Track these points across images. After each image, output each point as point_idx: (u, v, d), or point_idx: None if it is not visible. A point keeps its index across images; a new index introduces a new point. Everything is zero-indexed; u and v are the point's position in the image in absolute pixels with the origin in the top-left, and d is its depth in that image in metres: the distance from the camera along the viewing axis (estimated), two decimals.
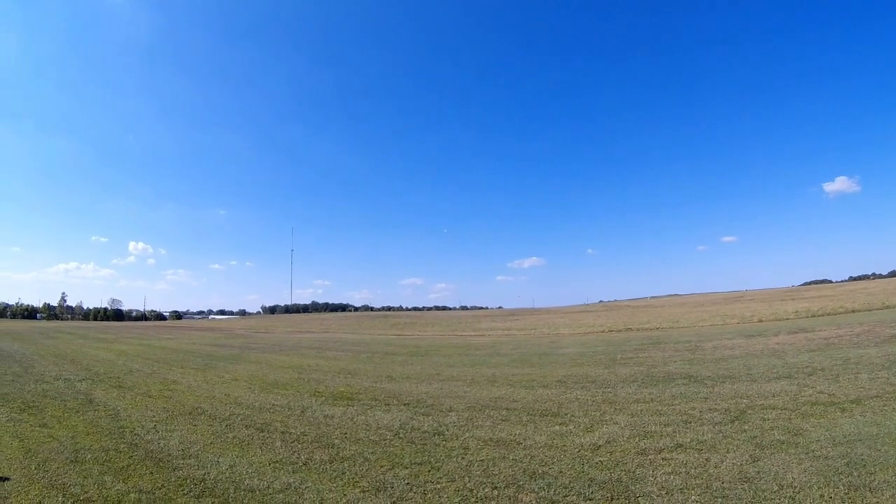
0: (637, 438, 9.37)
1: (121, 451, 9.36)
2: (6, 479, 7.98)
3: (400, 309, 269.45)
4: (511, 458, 8.60)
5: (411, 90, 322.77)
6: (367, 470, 8.18)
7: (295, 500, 6.95)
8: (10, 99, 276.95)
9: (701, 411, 11.12)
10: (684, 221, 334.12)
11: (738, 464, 7.73)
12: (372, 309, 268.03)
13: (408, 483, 7.52)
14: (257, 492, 7.29)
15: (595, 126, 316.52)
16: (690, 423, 10.26)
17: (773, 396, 12.12)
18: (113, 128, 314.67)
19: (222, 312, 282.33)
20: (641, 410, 11.58)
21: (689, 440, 9.07)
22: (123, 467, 8.46)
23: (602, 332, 43.69)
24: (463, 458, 8.68)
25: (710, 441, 8.95)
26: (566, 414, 11.63)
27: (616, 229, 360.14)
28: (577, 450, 8.87)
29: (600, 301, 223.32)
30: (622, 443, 9.16)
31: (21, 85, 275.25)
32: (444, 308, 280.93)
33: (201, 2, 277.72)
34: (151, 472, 8.17)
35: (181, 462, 8.71)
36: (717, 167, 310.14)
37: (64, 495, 7.24)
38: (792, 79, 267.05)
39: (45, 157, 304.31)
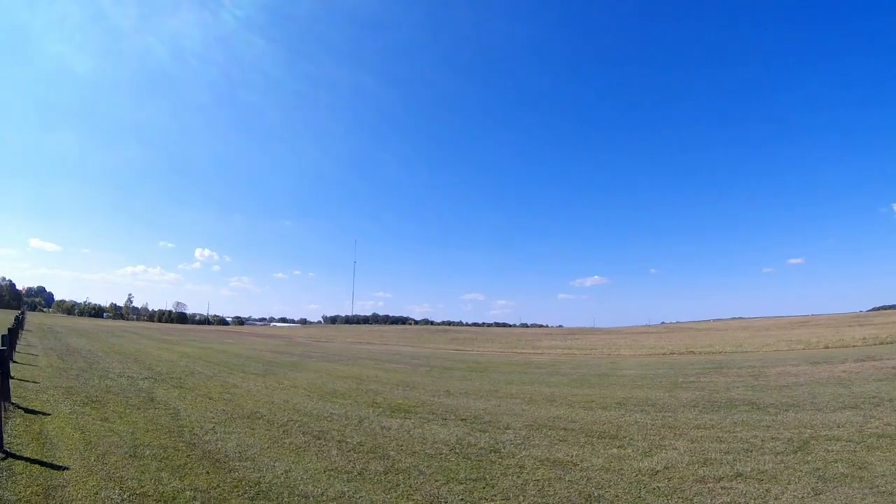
0: (696, 465, 9.05)
1: (179, 450, 9.49)
2: (66, 468, 8.17)
3: (460, 324, 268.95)
4: (567, 479, 8.40)
5: (474, 107, 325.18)
6: (421, 483, 8.09)
7: None
8: (86, 109, 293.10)
9: (763, 440, 10.68)
10: (750, 243, 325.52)
11: (800, 496, 7.37)
12: (432, 323, 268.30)
13: (462, 499, 7.40)
14: (311, 498, 7.27)
15: (660, 144, 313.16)
16: (752, 451, 9.85)
17: (838, 427, 11.55)
18: (183, 139, 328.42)
19: (284, 320, 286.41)
20: (702, 437, 11.19)
21: (749, 469, 8.71)
22: (180, 465, 8.57)
23: (663, 354, 42.67)
24: (518, 476, 8.52)
25: (771, 471, 8.57)
26: (625, 437, 11.33)
27: (680, 249, 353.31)
28: (634, 474, 8.61)
29: (662, 322, 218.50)
30: (681, 469, 8.85)
31: (95, 96, 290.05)
32: (505, 325, 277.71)
33: (271, 20, 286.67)
34: (208, 472, 8.25)
35: (237, 464, 8.77)
36: (785, 187, 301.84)
37: (121, 488, 7.36)
38: (861, 96, 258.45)
39: (117, 164, 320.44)
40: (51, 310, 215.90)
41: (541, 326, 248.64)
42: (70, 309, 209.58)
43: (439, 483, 8.11)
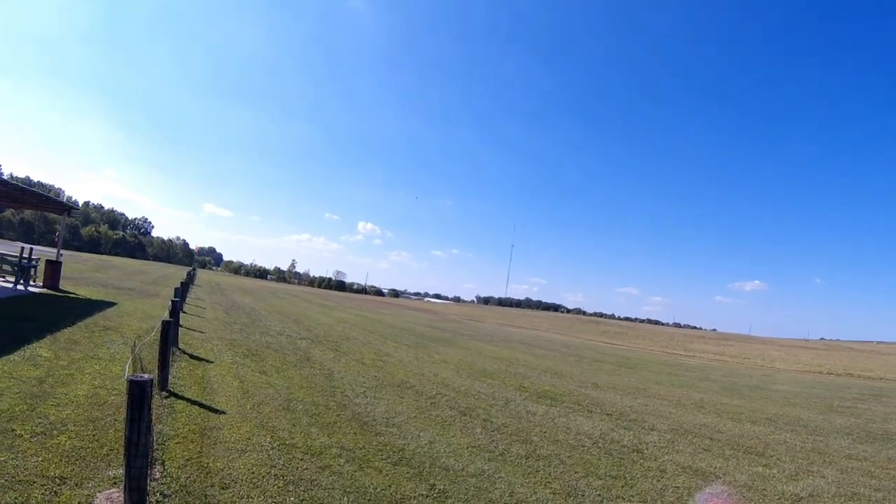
0: (842, 498, 8.44)
1: (330, 409, 10.14)
2: (223, 412, 8.98)
3: (612, 317, 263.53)
4: (707, 491, 8.17)
5: (635, 98, 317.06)
6: (561, 472, 8.15)
7: (486, 487, 7.08)
8: (263, 89, 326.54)
9: None
10: None
11: None
12: (584, 313, 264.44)
13: (599, 494, 7.38)
14: (451, 471, 7.53)
15: (837, 147, 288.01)
16: None
17: None
18: (350, 118, 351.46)
19: (438, 296, 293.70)
20: (852, 468, 10.42)
21: None
22: (330, 423, 9.15)
23: (820, 372, 39.81)
24: (658, 480, 8.37)
25: None
26: (771, 455, 10.79)
27: (849, 260, 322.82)
28: (777, 497, 8.19)
29: (821, 338, 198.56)
30: (826, 499, 8.31)
31: (273, 77, 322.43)
32: (657, 322, 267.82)
33: (435, 6, 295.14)
34: (355, 433, 8.76)
35: (384, 429, 9.24)
36: None
37: (272, 437, 7.98)
38: None
39: (290, 140, 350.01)
40: (219, 269, 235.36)
41: (693, 328, 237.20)
42: (237, 269, 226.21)
43: (579, 475, 8.14)
